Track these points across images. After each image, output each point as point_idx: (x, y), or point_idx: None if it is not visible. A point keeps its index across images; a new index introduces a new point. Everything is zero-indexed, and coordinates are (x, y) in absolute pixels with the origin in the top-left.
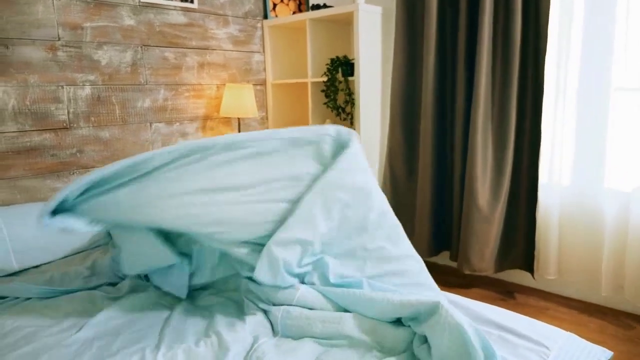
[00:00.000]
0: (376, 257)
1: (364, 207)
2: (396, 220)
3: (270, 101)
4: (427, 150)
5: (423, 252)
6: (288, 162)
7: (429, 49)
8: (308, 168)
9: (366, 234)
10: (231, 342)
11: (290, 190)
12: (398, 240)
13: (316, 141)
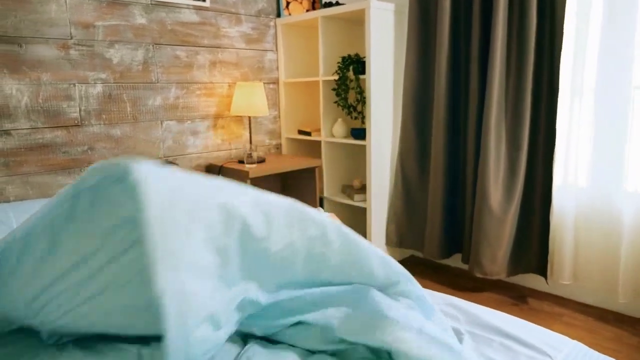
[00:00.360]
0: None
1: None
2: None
3: (283, 100)
4: (439, 150)
5: (434, 254)
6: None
7: (442, 46)
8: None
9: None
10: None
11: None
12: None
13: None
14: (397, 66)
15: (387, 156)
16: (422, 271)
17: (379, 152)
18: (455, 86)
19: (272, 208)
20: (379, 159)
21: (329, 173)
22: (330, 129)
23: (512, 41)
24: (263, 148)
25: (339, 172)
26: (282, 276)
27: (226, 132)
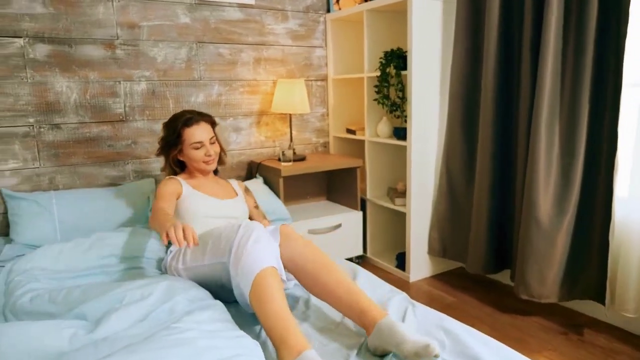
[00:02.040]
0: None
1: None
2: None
3: (331, 97)
4: (486, 154)
5: (477, 268)
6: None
7: (490, 37)
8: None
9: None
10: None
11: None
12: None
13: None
14: (444, 61)
15: (431, 158)
16: (467, 285)
17: (421, 154)
18: (505, 83)
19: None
20: (421, 160)
21: (373, 174)
22: (375, 128)
23: (569, 32)
24: (309, 146)
25: (384, 174)
26: None
27: (270, 129)
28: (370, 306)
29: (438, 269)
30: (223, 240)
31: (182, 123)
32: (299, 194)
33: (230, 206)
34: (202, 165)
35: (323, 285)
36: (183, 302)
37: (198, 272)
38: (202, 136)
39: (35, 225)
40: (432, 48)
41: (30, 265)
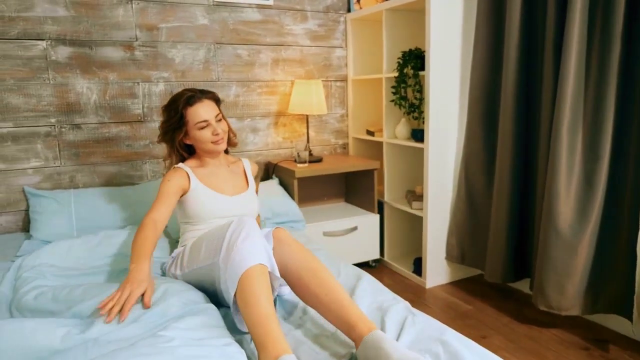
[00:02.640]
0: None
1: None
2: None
3: (351, 98)
4: (505, 158)
5: (496, 276)
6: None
7: (511, 38)
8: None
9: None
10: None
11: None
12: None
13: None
14: (464, 61)
15: (449, 161)
16: (485, 293)
17: (439, 156)
18: (527, 84)
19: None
20: (439, 163)
21: (391, 176)
22: (393, 129)
23: (594, 29)
24: (328, 148)
25: (402, 176)
26: None
27: (288, 130)
28: (358, 320)
29: (456, 276)
30: (215, 239)
31: (184, 102)
32: (316, 196)
33: (239, 203)
34: (211, 146)
35: (313, 295)
36: (177, 304)
37: (194, 275)
38: (207, 114)
39: (53, 223)
40: (451, 48)
41: (39, 262)
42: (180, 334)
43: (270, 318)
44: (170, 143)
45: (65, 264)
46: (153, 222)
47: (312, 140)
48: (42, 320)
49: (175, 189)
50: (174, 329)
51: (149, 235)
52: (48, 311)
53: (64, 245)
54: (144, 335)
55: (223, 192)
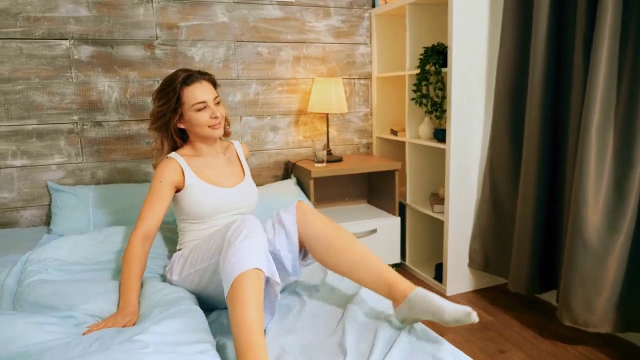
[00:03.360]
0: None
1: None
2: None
3: (375, 96)
4: (531, 161)
5: (520, 286)
6: None
7: (538, 32)
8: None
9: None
10: None
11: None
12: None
13: None
14: (491, 58)
15: (474, 162)
16: (510, 304)
17: (462, 158)
18: (555, 82)
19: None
20: (462, 165)
21: (413, 178)
22: (417, 129)
23: (629, 22)
24: (351, 147)
25: (425, 178)
26: None
27: (309, 129)
28: (397, 280)
29: (480, 284)
30: (217, 239)
31: (181, 82)
32: (337, 196)
33: (239, 194)
34: (207, 130)
35: (348, 260)
36: (161, 306)
37: (192, 279)
38: (206, 95)
39: (72, 218)
40: (476, 43)
41: (44, 256)
42: (157, 339)
43: (255, 328)
44: (164, 128)
45: (70, 259)
46: (142, 239)
47: (334, 140)
48: (32, 316)
49: (168, 189)
50: (152, 333)
51: (136, 260)
52: (47, 305)
53: (70, 241)
54: (122, 338)
55: (222, 184)
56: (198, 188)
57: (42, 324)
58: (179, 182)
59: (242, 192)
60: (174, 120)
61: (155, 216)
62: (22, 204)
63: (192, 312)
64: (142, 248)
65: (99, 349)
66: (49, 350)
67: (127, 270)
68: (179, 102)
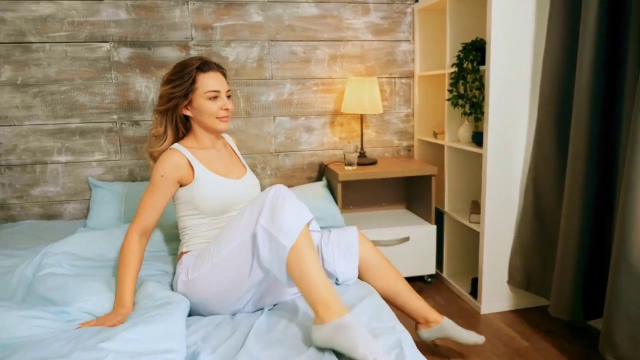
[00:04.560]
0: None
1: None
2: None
3: (417, 96)
4: (577, 170)
5: (562, 311)
6: None
7: (587, 24)
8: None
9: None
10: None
11: None
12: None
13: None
14: (536, 54)
15: (515, 169)
16: (551, 329)
17: (502, 163)
18: (606, 82)
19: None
20: (501, 171)
21: (452, 184)
22: (456, 131)
23: None
24: (390, 149)
25: (466, 184)
26: None
27: (345, 130)
28: (429, 310)
29: (520, 303)
30: (244, 217)
31: (197, 67)
32: (372, 201)
33: (247, 187)
34: (215, 122)
35: (392, 287)
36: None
37: (220, 269)
38: (220, 85)
39: (105, 213)
40: (518, 37)
41: (62, 249)
42: (122, 348)
43: (328, 280)
44: (170, 113)
45: (84, 254)
46: (140, 235)
47: (371, 142)
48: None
49: (170, 184)
50: (119, 340)
51: (133, 258)
52: (49, 299)
53: (87, 236)
54: (87, 344)
55: (230, 176)
56: (208, 180)
57: (33, 317)
58: (184, 176)
59: (247, 183)
60: (182, 105)
61: (154, 212)
62: (66, 198)
63: (170, 317)
64: (139, 244)
65: (73, 349)
66: (28, 345)
67: (124, 268)
68: (192, 86)
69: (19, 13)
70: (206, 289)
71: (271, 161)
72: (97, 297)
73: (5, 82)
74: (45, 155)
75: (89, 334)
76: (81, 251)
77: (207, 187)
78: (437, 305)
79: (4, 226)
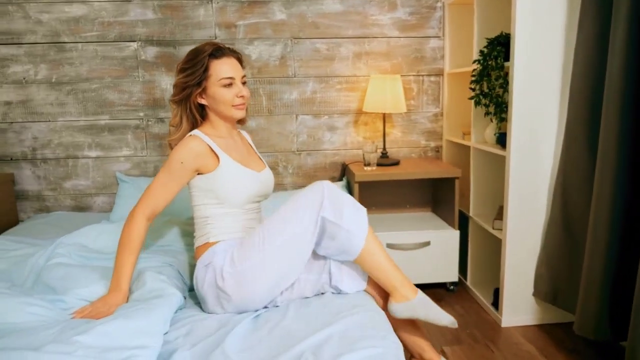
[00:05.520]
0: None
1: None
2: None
3: (446, 95)
4: (606, 176)
5: (588, 330)
6: None
7: (618, 18)
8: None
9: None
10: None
11: None
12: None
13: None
14: (567, 50)
15: (542, 173)
16: (577, 348)
17: (528, 165)
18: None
19: None
20: (527, 175)
21: (478, 187)
22: (483, 132)
23: None
24: (417, 150)
25: (494, 188)
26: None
27: (369, 129)
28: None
29: (545, 318)
30: (299, 206)
31: (210, 54)
32: (396, 202)
33: (267, 180)
34: (231, 110)
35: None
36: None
37: (257, 269)
38: (234, 72)
39: (128, 207)
40: (547, 31)
41: (73, 240)
42: (93, 342)
43: (395, 264)
44: (184, 102)
45: (94, 246)
46: (147, 218)
47: (397, 142)
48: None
49: (188, 172)
50: (95, 334)
51: (136, 240)
52: (51, 287)
53: (98, 228)
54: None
55: (249, 165)
56: (232, 169)
57: (28, 304)
58: (205, 164)
59: (267, 177)
60: (196, 94)
61: (168, 196)
62: (96, 191)
63: (152, 312)
64: (146, 228)
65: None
66: (16, 332)
67: (127, 252)
68: (205, 74)
69: (54, 14)
70: (257, 279)
71: (293, 160)
72: (95, 285)
73: (42, 80)
74: (77, 150)
75: (74, 324)
76: (91, 243)
77: (231, 176)
78: (456, 315)
79: (37, 216)
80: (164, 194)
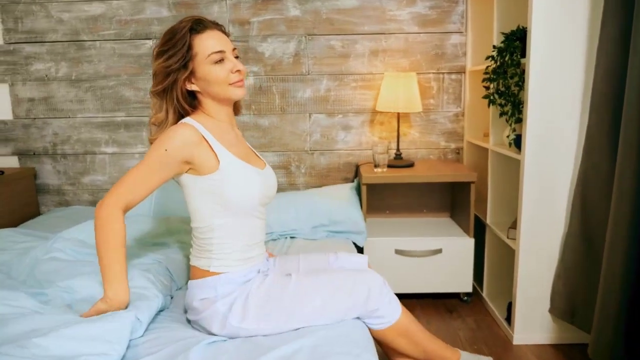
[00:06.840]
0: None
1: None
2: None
3: (468, 93)
4: (625, 184)
5: (602, 354)
6: None
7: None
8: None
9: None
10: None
11: None
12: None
13: None
14: (590, 47)
15: (561, 180)
16: None
17: (544, 171)
18: None
19: None
20: (543, 181)
21: (496, 193)
22: (502, 134)
23: None
24: (436, 152)
25: (513, 194)
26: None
27: (385, 129)
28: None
29: (562, 337)
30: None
31: (190, 29)
32: (413, 206)
33: (272, 177)
34: (229, 90)
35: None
36: None
37: (266, 329)
38: (223, 44)
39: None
40: (568, 24)
41: (72, 235)
42: (49, 346)
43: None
44: (168, 91)
45: (90, 241)
46: (122, 213)
47: (415, 142)
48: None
49: (175, 162)
50: (55, 337)
51: (121, 237)
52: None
53: None
54: (23, 338)
55: (250, 161)
56: (239, 168)
57: (6, 298)
58: (197, 157)
59: (271, 175)
60: (182, 79)
61: (145, 190)
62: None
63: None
64: (123, 220)
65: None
66: None
67: (113, 251)
68: (189, 53)
69: (74, 13)
70: (262, 331)
71: (306, 159)
72: (77, 279)
73: (62, 77)
74: (94, 146)
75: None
76: (87, 238)
77: (237, 175)
78: (467, 328)
79: (55, 210)
80: (142, 187)
